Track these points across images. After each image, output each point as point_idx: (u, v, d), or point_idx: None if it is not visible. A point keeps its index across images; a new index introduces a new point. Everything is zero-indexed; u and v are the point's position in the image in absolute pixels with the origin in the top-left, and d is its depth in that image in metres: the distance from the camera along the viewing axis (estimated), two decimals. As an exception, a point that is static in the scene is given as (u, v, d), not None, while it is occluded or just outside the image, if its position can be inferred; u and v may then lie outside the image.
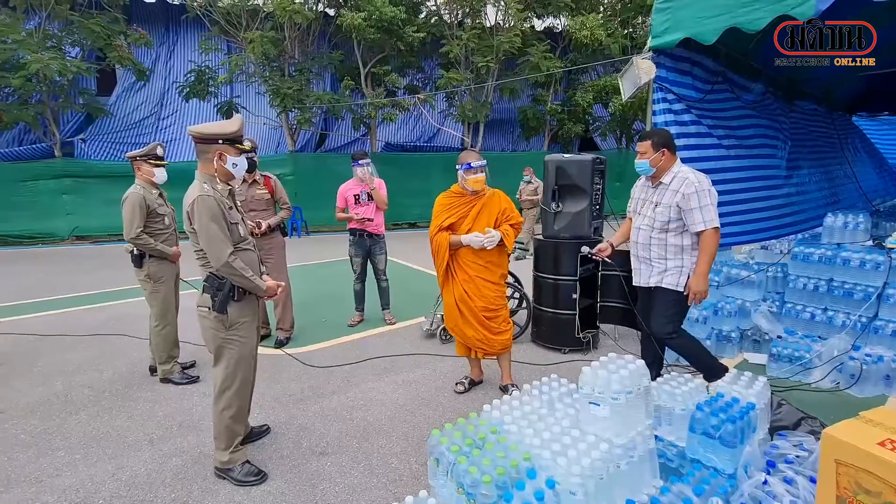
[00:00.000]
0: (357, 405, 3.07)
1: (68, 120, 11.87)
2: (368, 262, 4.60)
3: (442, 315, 4.25)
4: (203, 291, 2.23)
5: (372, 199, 4.46)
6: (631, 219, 2.88)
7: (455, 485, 1.46)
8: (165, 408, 3.06)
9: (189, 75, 11.90)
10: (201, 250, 2.20)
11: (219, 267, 2.15)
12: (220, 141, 2.18)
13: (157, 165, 3.34)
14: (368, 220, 4.40)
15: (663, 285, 2.65)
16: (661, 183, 2.65)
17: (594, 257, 3.04)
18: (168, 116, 13.26)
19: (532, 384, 1.98)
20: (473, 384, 3.30)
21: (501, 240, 2.96)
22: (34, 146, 11.20)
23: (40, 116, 10.69)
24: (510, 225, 2.99)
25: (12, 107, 10.16)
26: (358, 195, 4.45)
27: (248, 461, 2.36)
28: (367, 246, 4.51)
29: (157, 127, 13.08)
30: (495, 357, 3.18)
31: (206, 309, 2.21)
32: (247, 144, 4.06)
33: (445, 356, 3.84)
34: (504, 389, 3.17)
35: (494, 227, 2.96)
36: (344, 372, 3.58)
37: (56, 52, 10.13)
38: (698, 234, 2.53)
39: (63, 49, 10.68)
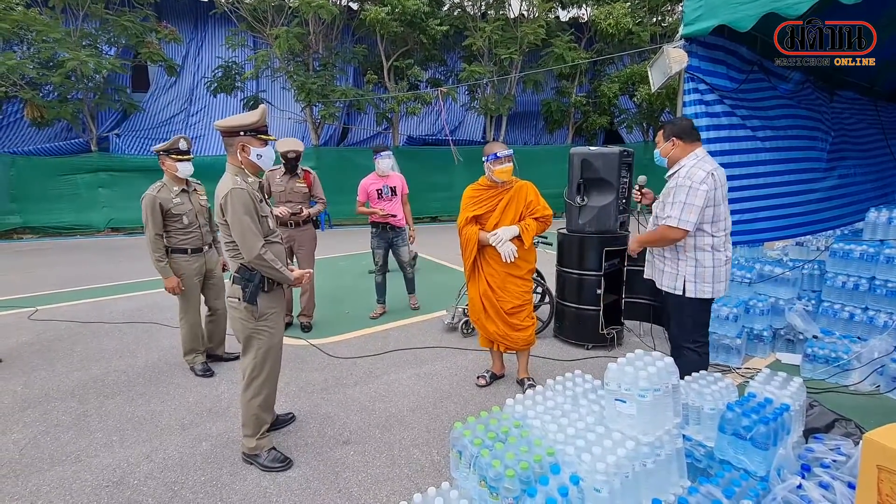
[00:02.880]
0: (379, 396, 3.11)
1: (107, 117, 12.33)
2: (390, 254, 4.67)
3: (463, 309, 4.27)
4: (233, 283, 2.27)
5: (395, 194, 4.53)
6: None
7: (477, 477, 1.46)
8: (195, 394, 3.16)
9: (216, 71, 12.17)
10: (232, 242, 2.22)
11: (250, 259, 2.18)
12: (242, 132, 2.20)
13: (180, 160, 3.23)
14: (392, 215, 4.49)
15: (664, 288, 2.59)
16: (671, 176, 2.56)
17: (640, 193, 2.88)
18: (197, 112, 13.61)
19: (556, 379, 1.96)
20: (495, 378, 3.29)
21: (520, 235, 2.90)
22: (72, 141, 11.68)
23: (79, 113, 11.12)
24: (535, 218, 2.92)
25: (52, 104, 10.60)
26: (380, 189, 4.52)
27: (274, 448, 2.42)
28: (388, 238, 4.60)
29: (187, 122, 13.45)
30: (516, 351, 3.17)
31: (236, 300, 2.25)
32: (287, 145, 4.14)
33: (467, 350, 3.85)
34: (521, 384, 3.16)
35: (519, 221, 2.92)
36: (366, 363, 3.63)
37: (92, 49, 10.51)
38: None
39: (98, 47, 11.07)
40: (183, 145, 3.27)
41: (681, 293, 2.49)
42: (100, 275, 6.77)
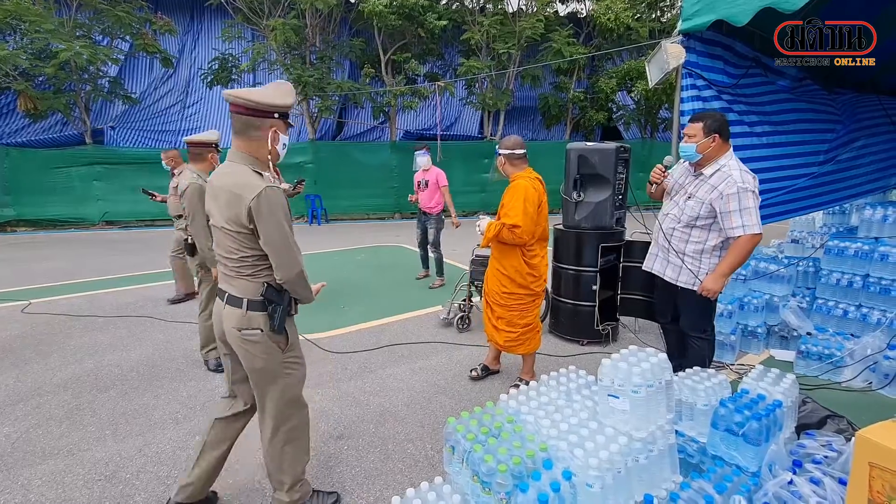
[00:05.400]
0: (374, 391, 3.10)
1: (107, 110, 12.20)
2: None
3: (459, 304, 4.27)
4: (248, 309, 1.72)
5: (430, 185, 5.36)
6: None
7: (470, 472, 1.46)
8: (189, 388, 3.15)
9: (212, 63, 12.06)
10: (253, 257, 1.70)
11: (290, 277, 1.70)
12: (277, 114, 1.71)
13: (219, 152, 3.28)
14: (429, 207, 5.39)
15: (680, 283, 2.57)
16: (701, 174, 2.47)
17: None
18: (193, 105, 13.49)
19: (549, 375, 1.96)
20: (488, 371, 3.28)
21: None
22: (67, 134, 11.57)
23: (72, 105, 11.01)
24: (503, 223, 2.74)
25: (46, 95, 10.48)
26: (420, 182, 5.42)
27: (315, 491, 2.05)
28: (423, 221, 5.57)
29: (183, 115, 13.33)
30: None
31: (259, 332, 1.73)
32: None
33: (462, 345, 3.85)
34: (518, 383, 3.13)
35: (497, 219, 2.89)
36: (361, 358, 3.62)
37: (86, 40, 10.39)
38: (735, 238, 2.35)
39: (92, 38, 10.94)
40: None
41: (698, 288, 2.49)
42: (94, 268, 6.73)
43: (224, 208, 1.66)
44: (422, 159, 5.33)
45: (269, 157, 1.74)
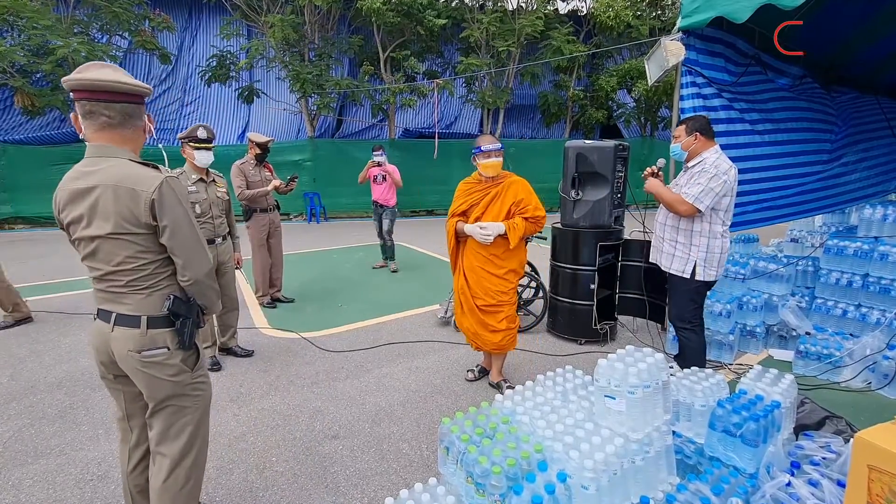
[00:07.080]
0: (370, 390, 3.08)
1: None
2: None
3: (457, 303, 4.25)
4: (148, 327, 1.51)
5: (385, 180, 5.99)
6: None
7: (465, 473, 1.44)
8: (184, 387, 3.13)
9: (211, 60, 12.01)
10: (156, 262, 1.52)
11: (199, 278, 1.56)
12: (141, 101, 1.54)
13: (198, 148, 3.16)
14: (386, 199, 6.01)
15: (671, 271, 2.73)
16: (688, 167, 2.69)
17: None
18: (191, 102, 13.44)
19: (546, 375, 1.94)
20: (485, 373, 3.26)
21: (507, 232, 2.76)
22: (65, 131, 11.52)
23: (70, 101, 10.95)
24: (525, 218, 2.77)
25: (43, 92, 10.42)
26: (376, 176, 6.01)
27: None
28: (379, 213, 6.11)
29: (181, 113, 13.28)
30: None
31: (165, 350, 1.54)
32: (265, 137, 4.49)
33: (459, 344, 3.83)
34: (496, 387, 3.05)
35: (507, 218, 2.79)
36: (358, 357, 3.60)
37: (83, 37, 10.33)
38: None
39: (90, 34, 10.88)
40: (202, 133, 3.20)
41: (689, 276, 2.65)
42: (91, 266, 6.70)
43: (111, 205, 1.43)
44: (379, 160, 5.97)
45: (137, 149, 1.58)
